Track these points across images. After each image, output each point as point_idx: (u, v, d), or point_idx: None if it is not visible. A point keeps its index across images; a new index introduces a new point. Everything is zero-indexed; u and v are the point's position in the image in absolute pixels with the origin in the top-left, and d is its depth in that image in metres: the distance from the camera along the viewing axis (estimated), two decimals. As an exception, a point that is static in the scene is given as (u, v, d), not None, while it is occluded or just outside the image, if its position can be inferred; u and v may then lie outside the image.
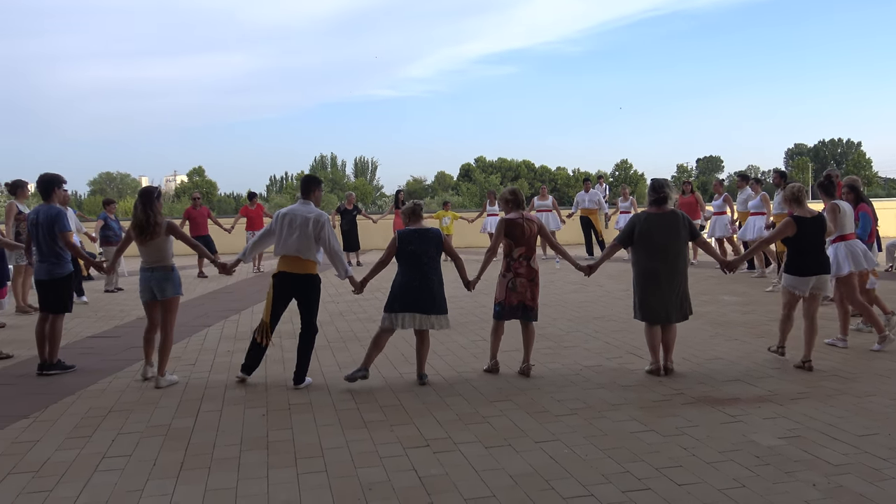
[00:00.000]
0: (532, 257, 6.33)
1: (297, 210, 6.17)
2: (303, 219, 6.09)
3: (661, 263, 6.13)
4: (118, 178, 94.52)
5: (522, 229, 6.27)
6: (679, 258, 6.23)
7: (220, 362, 7.14)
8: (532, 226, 6.33)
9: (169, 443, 4.82)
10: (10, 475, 4.31)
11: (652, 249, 6.14)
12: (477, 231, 18.63)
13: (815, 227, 6.30)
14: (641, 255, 6.21)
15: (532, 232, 6.30)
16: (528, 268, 6.29)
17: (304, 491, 3.99)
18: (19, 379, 6.61)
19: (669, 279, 6.14)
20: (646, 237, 6.15)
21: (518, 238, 6.27)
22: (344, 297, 11.35)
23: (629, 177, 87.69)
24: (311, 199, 6.30)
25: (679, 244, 6.22)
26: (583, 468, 4.23)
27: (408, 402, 5.63)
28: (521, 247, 6.28)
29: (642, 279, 6.21)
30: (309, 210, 6.18)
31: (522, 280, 6.28)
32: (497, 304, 6.38)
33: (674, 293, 6.18)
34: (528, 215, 6.42)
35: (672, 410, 5.29)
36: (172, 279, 6.23)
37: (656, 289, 6.14)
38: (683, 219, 6.26)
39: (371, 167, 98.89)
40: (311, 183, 6.40)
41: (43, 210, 6.82)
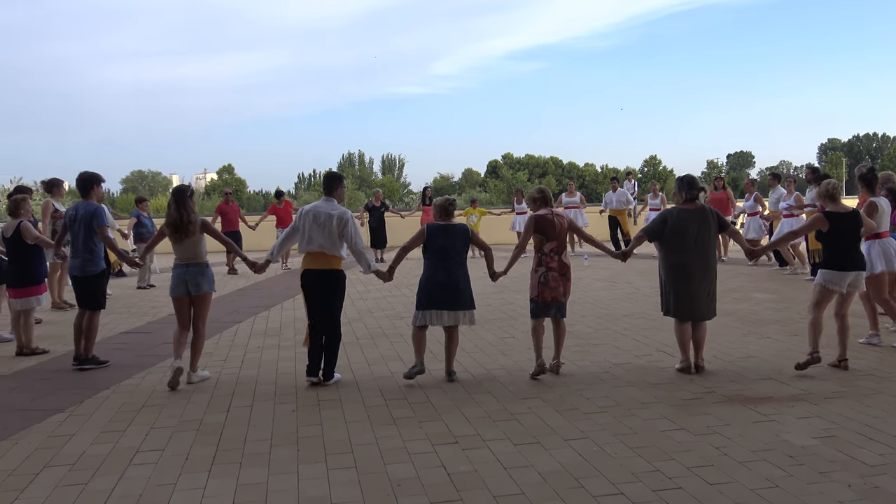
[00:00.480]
0: (563, 252, 6.30)
1: (320, 207, 6.21)
2: (326, 216, 6.13)
3: (694, 259, 6.08)
4: (150, 177, 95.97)
5: (553, 224, 6.24)
6: (711, 254, 6.19)
7: (251, 358, 7.21)
8: (562, 221, 6.30)
9: (201, 437, 4.88)
10: (46, 468, 4.40)
11: (684, 245, 6.07)
12: (505, 228, 18.58)
13: (849, 223, 6.18)
14: (673, 250, 6.14)
15: (562, 227, 6.27)
16: (560, 262, 6.26)
17: (333, 486, 4.02)
18: (55, 374, 6.74)
19: (702, 275, 6.10)
20: (678, 233, 6.08)
21: (549, 233, 6.24)
22: (372, 294, 11.40)
23: (658, 173, 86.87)
24: (335, 196, 6.33)
25: (711, 239, 6.18)
26: (612, 466, 4.21)
27: (436, 399, 5.64)
28: (552, 241, 6.25)
29: (674, 275, 6.15)
30: (333, 207, 6.21)
31: (554, 274, 6.24)
32: (531, 300, 6.36)
33: (705, 290, 6.13)
34: (557, 211, 6.39)
35: (703, 409, 5.23)
36: (207, 275, 6.31)
37: (688, 285, 6.09)
38: (712, 213, 6.21)
39: (398, 164, 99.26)
40: (334, 180, 6.43)
41: (82, 206, 6.96)
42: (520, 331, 8.22)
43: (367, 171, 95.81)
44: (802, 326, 7.91)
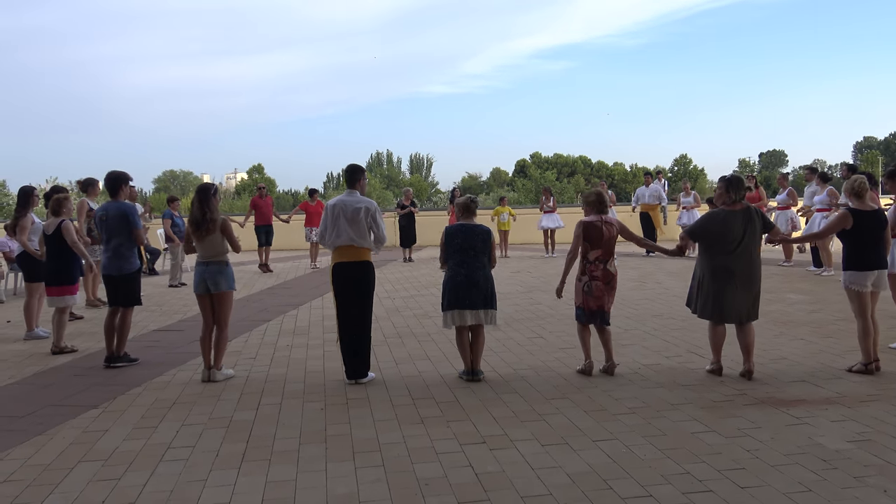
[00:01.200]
0: (609, 261, 6.22)
1: (346, 200, 6.23)
2: (353, 208, 6.16)
3: (738, 262, 5.88)
4: (181, 176, 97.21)
5: (601, 232, 6.17)
6: (756, 256, 5.98)
7: (280, 357, 7.27)
8: (611, 229, 6.22)
9: (231, 435, 4.93)
10: (80, 463, 4.48)
11: (728, 248, 5.87)
12: (532, 228, 18.54)
13: (872, 221, 6.05)
14: (716, 253, 5.92)
15: (610, 235, 6.19)
16: (605, 271, 6.19)
17: (361, 485, 4.03)
18: (89, 371, 6.85)
19: (747, 279, 5.90)
20: (722, 235, 5.88)
21: (595, 240, 6.18)
22: (399, 294, 11.43)
23: (689, 172, 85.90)
24: (357, 188, 6.36)
25: (756, 241, 5.97)
26: (641, 468, 4.17)
27: (464, 399, 5.63)
28: (597, 249, 6.19)
29: (714, 276, 5.94)
30: (358, 200, 6.24)
31: (598, 283, 6.19)
32: (578, 307, 6.34)
33: (749, 293, 5.95)
34: (607, 218, 6.30)
35: (734, 411, 5.16)
36: (226, 273, 6.37)
37: (730, 288, 5.88)
38: (757, 213, 6.01)
39: (426, 164, 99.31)
40: (356, 172, 6.44)
41: (112, 206, 7.05)
42: (548, 331, 8.19)
43: (395, 171, 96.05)
44: (836, 328, 7.80)
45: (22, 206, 8.82)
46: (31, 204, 8.85)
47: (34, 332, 8.44)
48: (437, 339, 7.89)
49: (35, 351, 7.79)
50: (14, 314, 10.10)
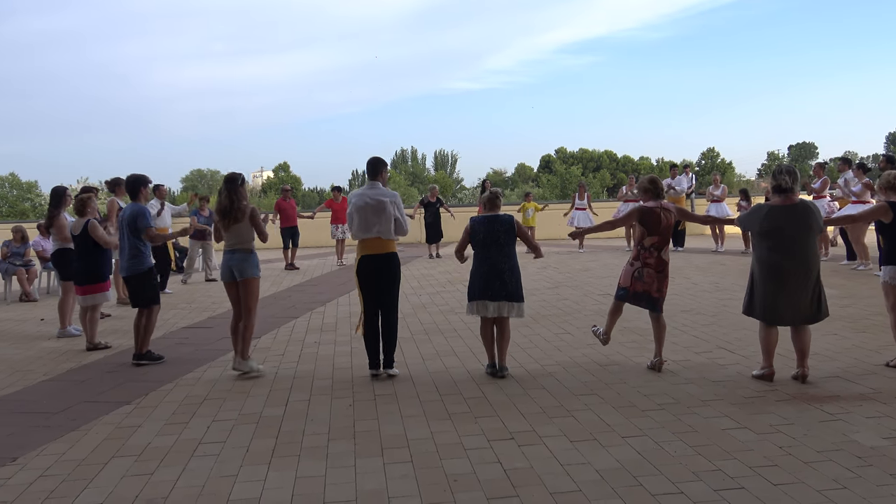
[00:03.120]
0: (664, 248, 6.15)
1: (368, 193, 6.24)
2: (377, 201, 6.17)
3: (790, 260, 5.54)
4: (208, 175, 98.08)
5: (658, 218, 6.10)
6: (812, 254, 5.63)
7: (308, 353, 7.32)
8: (669, 216, 6.14)
9: (260, 431, 4.97)
10: (114, 458, 4.54)
11: (778, 244, 5.56)
12: (562, 224, 18.43)
13: None
14: (766, 248, 5.65)
15: (668, 222, 6.11)
16: (658, 259, 6.13)
17: (390, 480, 4.05)
18: (121, 367, 6.95)
19: (801, 277, 5.55)
20: (772, 231, 5.60)
21: (652, 227, 6.11)
22: (426, 290, 11.44)
23: (716, 165, 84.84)
24: (379, 180, 6.37)
25: (811, 238, 5.63)
26: (672, 465, 4.13)
27: (491, 395, 5.63)
28: (653, 236, 6.13)
29: (766, 275, 5.63)
30: (381, 192, 6.25)
31: (650, 270, 6.14)
32: (621, 288, 6.30)
33: (806, 293, 5.58)
34: (665, 204, 6.22)
35: (766, 407, 5.09)
36: (251, 260, 6.42)
37: (783, 287, 5.58)
38: (812, 208, 5.69)
39: (451, 160, 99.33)
40: (378, 165, 6.44)
41: (128, 208, 7.20)
42: (575, 327, 8.15)
43: (420, 168, 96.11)
44: (870, 323, 7.66)
45: (55, 205, 8.97)
46: (64, 204, 9.00)
47: (67, 330, 8.58)
48: (463, 335, 7.88)
49: (68, 348, 7.92)
50: (47, 312, 10.28)
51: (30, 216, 52.21)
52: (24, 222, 22.88)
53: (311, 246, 20.28)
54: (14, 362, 7.31)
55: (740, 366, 6.19)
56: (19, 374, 6.78)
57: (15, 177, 66.50)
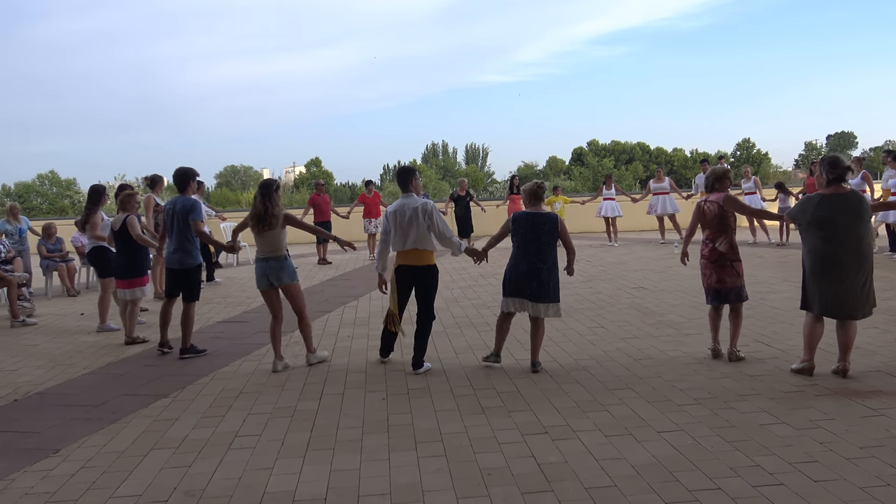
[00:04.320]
0: (719, 239, 6.09)
1: (403, 205, 6.28)
2: (411, 211, 6.20)
3: (844, 250, 5.42)
4: (242, 171, 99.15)
5: (702, 212, 6.18)
6: (864, 244, 5.48)
7: (341, 347, 7.36)
8: (711, 208, 6.12)
9: (295, 424, 5.01)
10: (153, 450, 4.62)
11: (829, 235, 5.44)
12: (591, 216, 18.29)
13: None
14: (816, 240, 5.51)
15: (712, 213, 6.09)
16: (713, 249, 6.11)
17: (424, 474, 4.05)
18: (159, 361, 7.07)
19: (854, 269, 5.42)
20: (821, 221, 5.46)
21: (702, 221, 6.21)
22: (458, 284, 11.44)
23: (752, 156, 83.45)
24: (412, 190, 6.38)
25: (863, 228, 5.48)
26: (709, 460, 4.08)
27: (525, 389, 5.60)
28: (705, 229, 6.20)
29: (820, 267, 5.50)
30: (414, 202, 6.27)
31: (705, 261, 6.18)
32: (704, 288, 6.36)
33: (858, 285, 5.44)
34: (711, 197, 6.20)
35: (805, 402, 5.00)
36: (286, 267, 6.47)
37: (835, 279, 5.47)
38: (865, 200, 5.57)
39: (482, 154, 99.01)
40: (408, 174, 6.44)
41: (179, 201, 7.26)
42: (608, 321, 8.08)
43: (451, 161, 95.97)
44: (914, 316, 7.47)
45: (92, 203, 9.14)
46: (101, 202, 9.16)
47: (106, 325, 8.74)
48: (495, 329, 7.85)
49: (108, 342, 8.07)
50: (87, 307, 10.48)
51: (69, 213, 53.33)
52: (63, 219, 23.37)
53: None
54: (55, 356, 7.47)
55: (778, 360, 6.09)
56: (61, 368, 6.93)
57: (55, 174, 67.95)
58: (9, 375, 6.70)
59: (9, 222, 12.28)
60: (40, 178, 67.64)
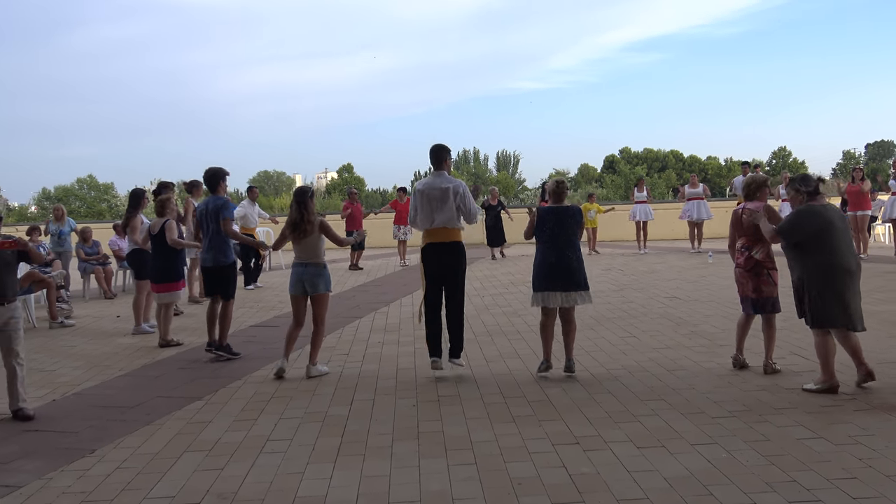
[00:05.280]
0: (756, 247, 6.00)
1: (433, 183, 6.27)
2: (441, 190, 6.20)
3: (853, 256, 5.49)
4: (274, 177, 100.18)
5: (739, 220, 6.11)
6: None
7: (372, 353, 7.39)
8: (750, 214, 6.03)
9: (326, 429, 5.04)
10: (186, 452, 4.68)
11: (841, 241, 5.41)
12: (624, 224, 18.16)
13: None
14: (828, 251, 5.37)
15: (749, 222, 6.02)
16: (748, 258, 6.03)
17: (454, 482, 4.04)
18: (193, 364, 7.15)
19: (858, 276, 5.48)
20: (825, 230, 5.40)
21: (738, 229, 6.14)
22: (489, 291, 11.42)
23: (788, 165, 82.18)
24: (444, 168, 6.39)
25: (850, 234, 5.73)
26: (744, 474, 4.01)
27: (556, 398, 5.57)
28: (741, 238, 6.13)
29: (839, 278, 5.34)
30: (446, 180, 6.27)
31: (740, 270, 6.10)
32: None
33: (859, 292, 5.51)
34: (749, 205, 6.12)
35: (844, 417, 4.90)
36: (324, 275, 6.51)
37: (856, 287, 5.41)
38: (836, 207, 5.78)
39: (513, 161, 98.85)
40: (441, 152, 6.44)
41: (211, 201, 7.37)
42: (641, 330, 8.00)
43: (482, 168, 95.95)
44: (957, 330, 7.29)
45: (133, 206, 9.32)
46: (142, 206, 9.33)
47: (141, 327, 8.88)
48: (527, 337, 7.83)
49: (143, 345, 8.20)
50: (123, 310, 10.66)
51: (106, 216, 54.30)
52: (100, 222, 23.82)
53: (374, 246, 20.48)
54: (93, 357, 7.60)
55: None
56: (97, 369, 7.05)
57: (93, 178, 69.23)
58: (48, 376, 6.83)
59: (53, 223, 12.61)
60: (79, 182, 69.00)
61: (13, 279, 5.46)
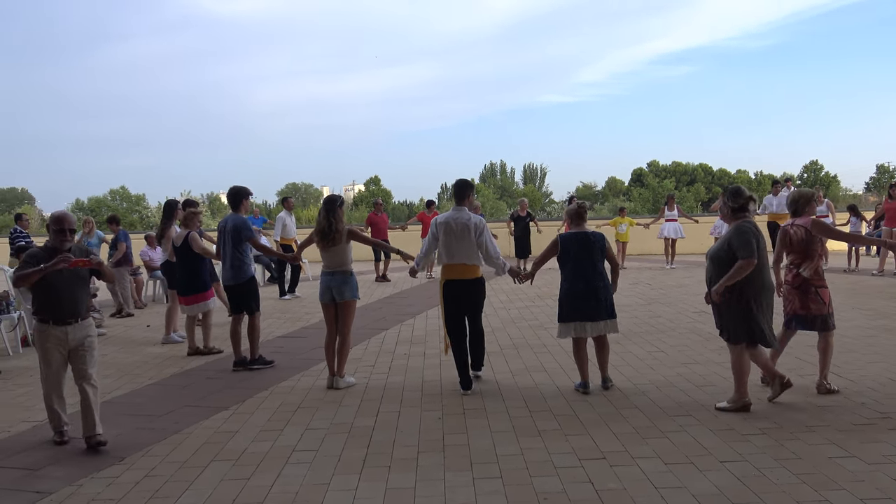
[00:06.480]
0: (803, 264, 5.88)
1: (454, 218, 6.28)
2: (462, 225, 6.21)
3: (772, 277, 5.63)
4: (302, 189, 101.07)
5: (789, 236, 5.95)
6: None
7: (398, 365, 7.39)
8: (798, 231, 5.91)
9: (352, 440, 5.05)
10: (213, 462, 4.71)
11: (767, 261, 5.53)
12: (652, 238, 18.00)
13: None
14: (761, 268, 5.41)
15: (798, 237, 5.88)
16: (796, 275, 5.90)
17: (479, 496, 4.02)
18: (221, 374, 7.22)
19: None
20: (762, 247, 5.46)
21: (787, 245, 5.98)
22: (515, 304, 11.38)
23: (820, 179, 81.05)
24: (465, 205, 6.39)
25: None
26: (775, 493, 3.94)
27: (582, 412, 5.53)
28: (790, 254, 5.98)
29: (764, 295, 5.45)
30: (466, 216, 6.28)
31: (788, 287, 5.97)
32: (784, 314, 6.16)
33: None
34: (798, 221, 6.00)
35: (877, 436, 4.79)
36: (351, 283, 6.55)
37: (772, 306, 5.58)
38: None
39: (540, 174, 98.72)
40: (465, 188, 6.46)
41: (231, 219, 7.46)
42: (668, 345, 7.91)
43: (509, 181, 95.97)
44: None
45: (167, 217, 9.47)
46: (175, 216, 9.46)
47: (171, 336, 8.99)
48: (553, 350, 7.79)
49: (172, 354, 8.29)
50: (153, 319, 10.80)
51: (137, 227, 55.11)
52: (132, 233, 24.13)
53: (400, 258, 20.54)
54: (123, 366, 7.70)
55: (848, 391, 5.86)
56: (128, 378, 7.14)
57: (125, 190, 70.50)
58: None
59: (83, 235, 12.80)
60: (112, 194, 70.22)
61: (86, 295, 5.32)
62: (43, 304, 5.08)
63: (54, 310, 5.07)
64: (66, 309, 5.09)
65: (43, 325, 5.09)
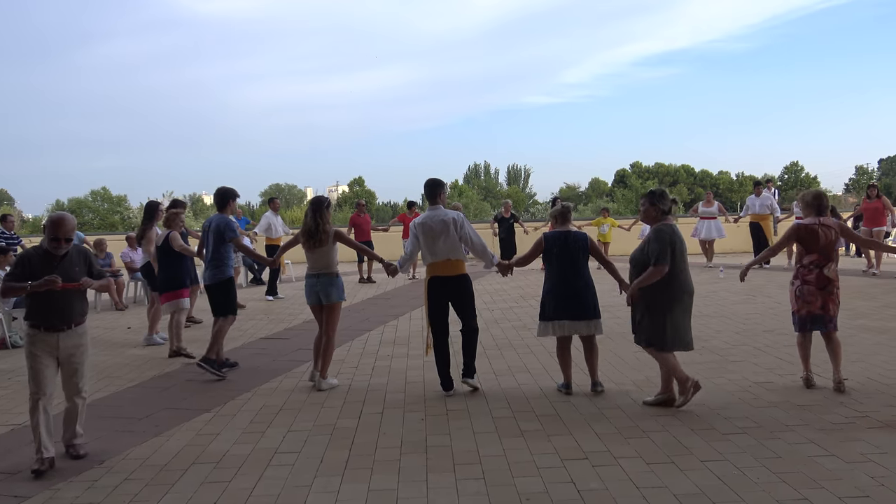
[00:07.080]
0: (827, 265, 5.88)
1: (432, 217, 6.28)
2: (442, 223, 6.20)
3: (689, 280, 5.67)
4: (286, 189, 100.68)
5: (816, 235, 5.88)
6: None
7: (381, 366, 7.38)
8: (829, 232, 5.88)
9: (334, 442, 5.03)
10: (193, 465, 4.68)
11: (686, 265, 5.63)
12: (635, 239, 18.08)
13: None
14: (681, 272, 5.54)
15: (828, 239, 5.87)
16: (819, 275, 5.89)
17: (462, 497, 4.02)
18: (202, 376, 7.13)
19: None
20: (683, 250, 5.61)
21: (811, 244, 5.92)
22: (499, 305, 11.40)
23: (800, 180, 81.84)
24: (439, 203, 6.40)
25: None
26: (754, 492, 3.97)
27: (564, 413, 5.54)
28: (812, 254, 5.93)
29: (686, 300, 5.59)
30: (444, 213, 6.28)
31: (810, 287, 5.91)
32: (792, 313, 6.14)
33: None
34: (825, 221, 5.96)
35: (856, 434, 4.85)
36: (336, 285, 6.53)
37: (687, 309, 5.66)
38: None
39: (524, 175, 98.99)
40: (437, 187, 6.46)
41: (215, 219, 7.41)
42: (651, 345, 7.94)
43: (493, 182, 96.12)
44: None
45: (148, 219, 9.40)
46: (157, 218, 9.40)
47: (152, 338, 8.92)
48: (536, 351, 7.81)
49: (153, 356, 8.22)
50: (134, 321, 10.70)
51: (118, 228, 54.63)
52: (113, 234, 23.97)
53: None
54: (103, 368, 7.63)
55: (827, 390, 5.92)
56: (108, 380, 7.07)
57: (106, 191, 69.76)
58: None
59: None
60: (93, 195, 69.54)
61: (81, 302, 4.99)
62: (34, 310, 4.82)
63: (45, 316, 4.80)
64: (57, 315, 4.82)
65: (33, 330, 4.81)
